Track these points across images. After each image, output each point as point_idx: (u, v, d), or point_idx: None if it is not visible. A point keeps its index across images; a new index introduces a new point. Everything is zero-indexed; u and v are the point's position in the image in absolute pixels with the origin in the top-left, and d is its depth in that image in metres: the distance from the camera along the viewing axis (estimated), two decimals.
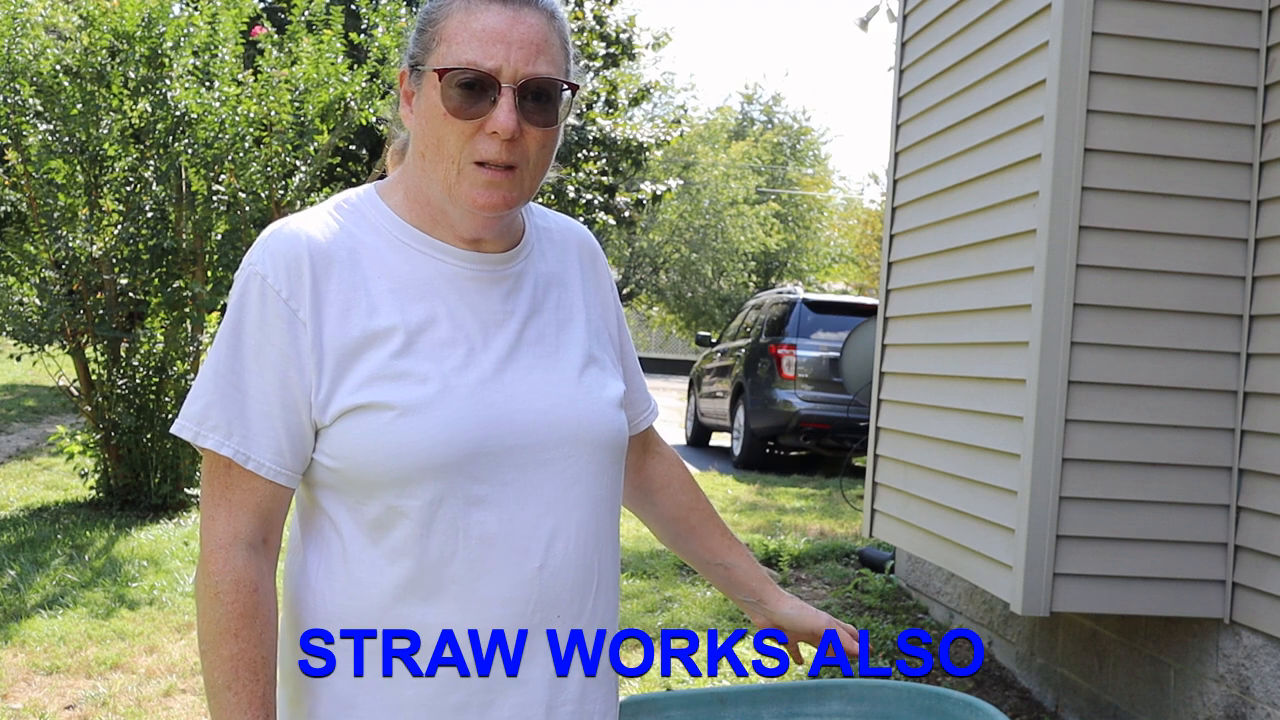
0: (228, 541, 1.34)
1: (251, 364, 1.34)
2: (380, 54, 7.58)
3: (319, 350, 1.34)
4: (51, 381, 7.94)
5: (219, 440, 1.33)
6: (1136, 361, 3.62)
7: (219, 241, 7.36)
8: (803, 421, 10.82)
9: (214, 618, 1.32)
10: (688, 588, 6.04)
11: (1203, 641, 3.72)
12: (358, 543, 1.36)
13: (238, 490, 1.34)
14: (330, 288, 1.35)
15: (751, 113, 37.65)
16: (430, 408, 1.33)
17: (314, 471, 1.38)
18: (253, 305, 1.34)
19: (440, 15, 1.37)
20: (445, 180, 1.36)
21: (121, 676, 4.42)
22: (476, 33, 1.34)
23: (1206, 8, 3.60)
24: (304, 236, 1.36)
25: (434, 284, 1.39)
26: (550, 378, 1.42)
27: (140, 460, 7.30)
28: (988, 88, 4.14)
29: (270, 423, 1.34)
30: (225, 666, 1.31)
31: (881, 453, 5.05)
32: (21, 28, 7.12)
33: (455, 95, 1.33)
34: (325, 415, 1.34)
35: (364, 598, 1.35)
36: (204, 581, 1.33)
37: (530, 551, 1.37)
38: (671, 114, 24.70)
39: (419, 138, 1.38)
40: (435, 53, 1.36)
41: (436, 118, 1.35)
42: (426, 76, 1.36)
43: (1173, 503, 3.63)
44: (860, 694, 1.99)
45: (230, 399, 1.34)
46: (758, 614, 1.78)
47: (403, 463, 1.32)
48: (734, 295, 30.66)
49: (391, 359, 1.34)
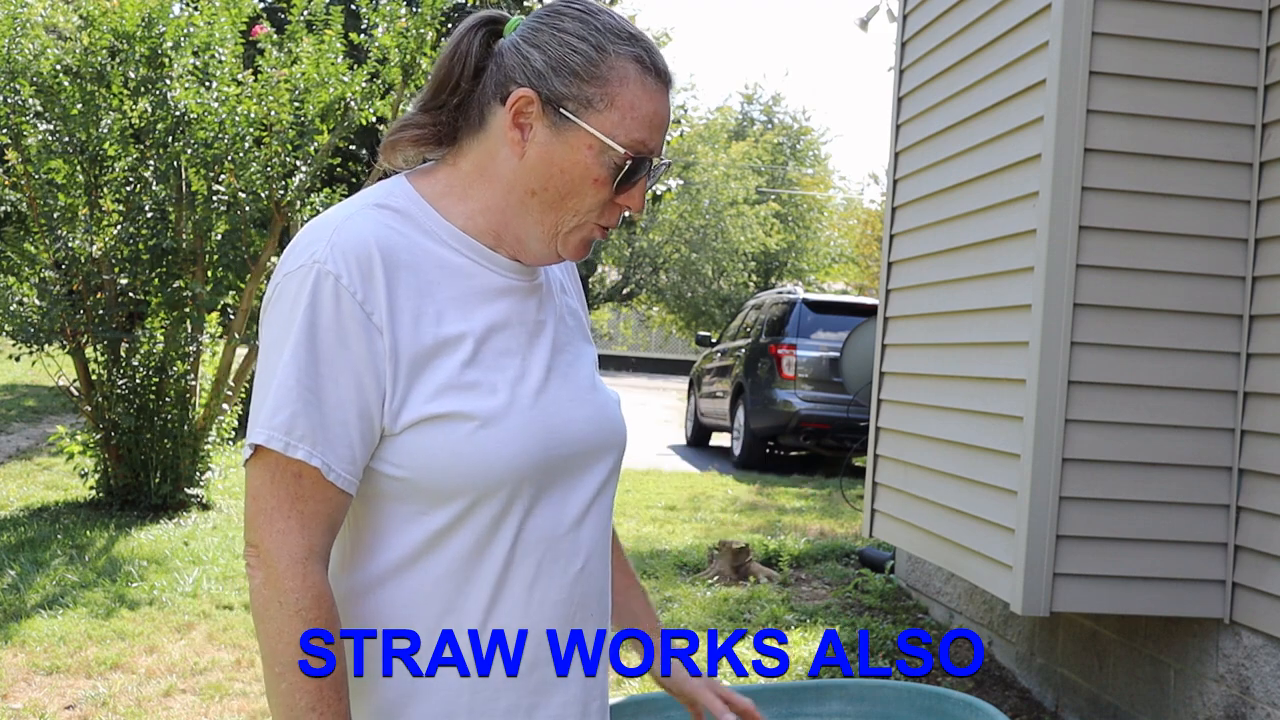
0: (303, 555, 1.27)
1: (327, 370, 1.28)
2: (380, 54, 7.58)
3: (395, 357, 1.30)
4: (51, 381, 7.94)
5: (308, 451, 1.27)
6: (1136, 361, 3.62)
7: (219, 241, 7.35)
8: (803, 421, 10.82)
9: (297, 637, 1.25)
10: (688, 588, 6.04)
11: (1203, 641, 3.72)
12: (412, 553, 1.33)
13: (311, 501, 1.28)
14: (400, 291, 1.31)
15: (751, 113, 37.64)
16: (505, 418, 1.32)
17: (371, 480, 1.33)
18: (326, 308, 1.28)
19: (613, 76, 1.33)
20: (554, 228, 1.37)
21: (121, 676, 4.42)
22: (649, 116, 1.34)
23: (1206, 8, 3.60)
24: (372, 236, 1.31)
25: (489, 294, 1.38)
26: (579, 386, 1.44)
27: (140, 460, 7.30)
28: (988, 88, 4.14)
29: (346, 430, 1.29)
30: (310, 687, 1.25)
31: (881, 453, 5.05)
32: (21, 28, 7.12)
33: (616, 172, 1.34)
34: (396, 424, 1.31)
35: (422, 605, 1.33)
36: (279, 599, 1.26)
37: (575, 554, 1.39)
38: (671, 114, 24.69)
39: (537, 178, 1.35)
40: (604, 116, 1.32)
41: (582, 178, 1.34)
42: (580, 132, 1.33)
43: (1173, 503, 3.63)
44: (860, 694, 1.99)
45: (312, 406, 1.28)
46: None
47: (487, 473, 1.31)
48: (734, 295, 30.65)
49: (463, 368, 1.32)
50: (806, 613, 5.53)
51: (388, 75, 7.58)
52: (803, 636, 5.16)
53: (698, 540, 7.35)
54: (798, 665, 4.77)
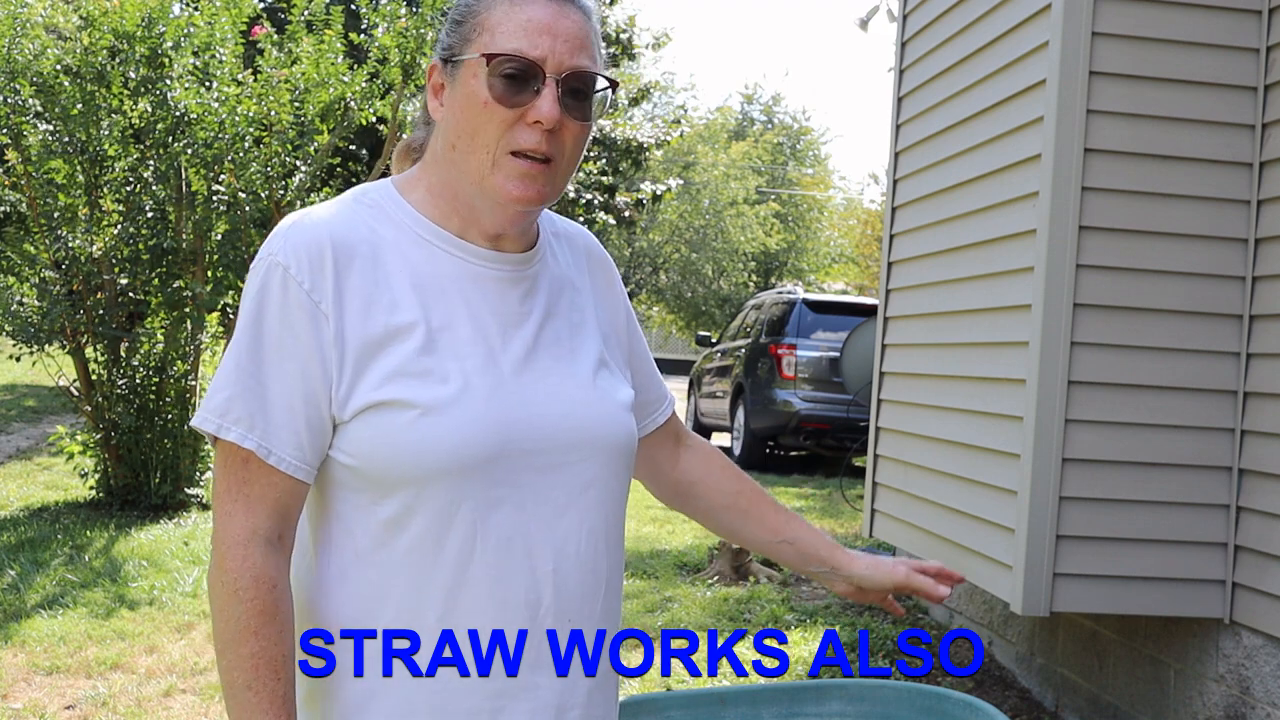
0: (245, 537, 1.31)
1: (273, 356, 1.31)
2: (380, 54, 7.58)
3: (341, 344, 1.32)
4: (51, 381, 7.94)
5: (241, 433, 1.31)
6: (1136, 361, 3.62)
7: (219, 241, 7.35)
8: (803, 421, 10.82)
9: (233, 616, 1.29)
10: (688, 588, 6.04)
11: (1203, 641, 3.72)
12: (372, 544, 1.34)
13: (256, 485, 1.32)
14: (352, 281, 1.33)
15: (751, 113, 37.66)
16: (453, 408, 1.32)
17: (329, 469, 1.36)
18: (274, 297, 1.32)
19: (482, 7, 1.37)
20: (478, 171, 1.35)
21: (121, 676, 4.42)
22: (523, 23, 1.34)
23: (1206, 8, 3.60)
24: (325, 228, 1.35)
25: (455, 282, 1.38)
26: (566, 381, 1.41)
27: (140, 460, 7.30)
28: (988, 88, 4.14)
29: (292, 416, 1.31)
30: (245, 665, 1.29)
31: (881, 453, 5.05)
32: (21, 28, 7.12)
33: (499, 83, 1.33)
34: (345, 411, 1.32)
35: (378, 599, 1.33)
36: (221, 579, 1.30)
37: (545, 554, 1.36)
38: (671, 114, 24.72)
39: (451, 129, 1.37)
40: (477, 42, 1.35)
41: (475, 106, 1.34)
42: (465, 65, 1.35)
43: (1173, 503, 3.63)
44: (860, 694, 1.99)
45: (252, 392, 1.31)
46: (835, 581, 1.69)
47: (424, 462, 1.30)
48: (734, 295, 30.66)
49: (414, 356, 1.32)
50: (806, 613, 5.54)
51: (388, 75, 7.58)
52: (803, 636, 5.17)
53: (698, 540, 7.36)
54: (798, 665, 4.77)
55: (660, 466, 1.69)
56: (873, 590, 1.68)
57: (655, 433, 1.67)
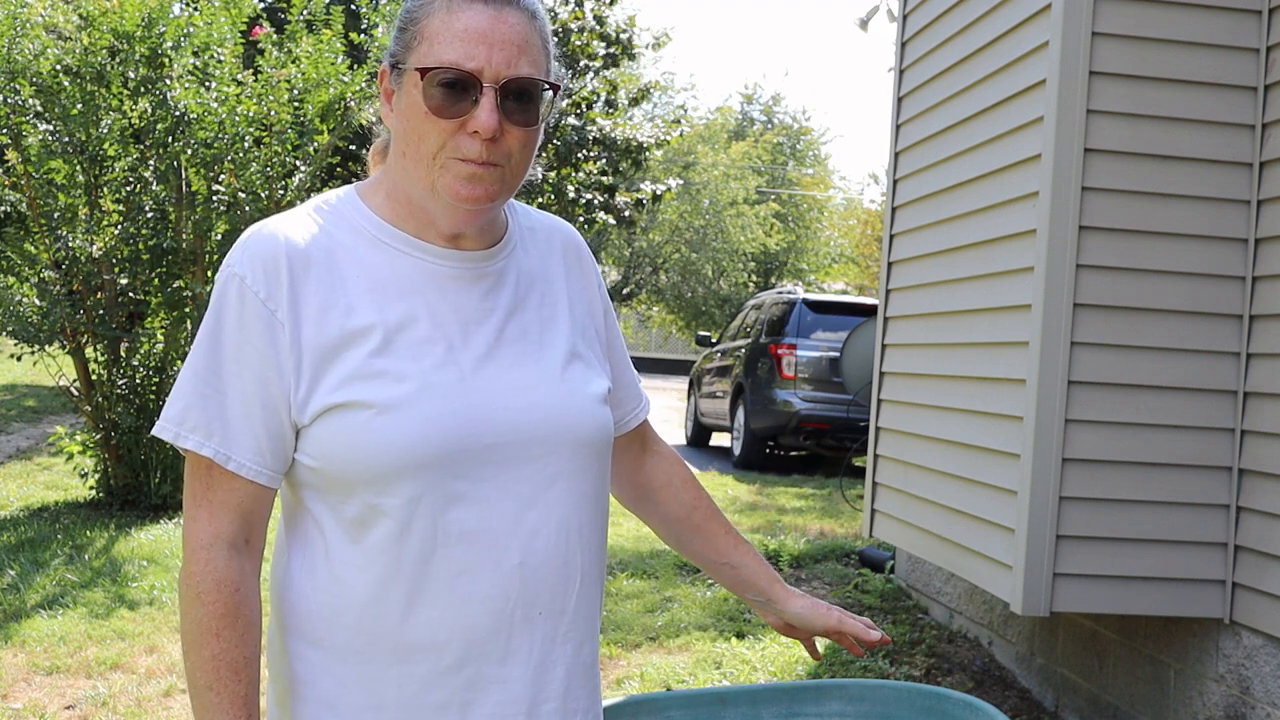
0: (208, 541, 1.35)
1: (230, 365, 1.35)
2: (380, 54, 7.58)
3: (297, 350, 1.34)
4: (51, 381, 7.95)
5: (199, 441, 1.34)
6: (1136, 361, 3.62)
7: (219, 241, 7.35)
8: (803, 421, 10.82)
9: (195, 618, 1.33)
10: (688, 588, 6.04)
11: (1203, 641, 3.72)
12: (340, 542, 1.37)
13: (219, 491, 1.35)
14: (308, 288, 1.36)
15: (751, 113, 37.65)
16: (408, 406, 1.33)
17: (296, 472, 1.39)
18: (231, 306, 1.35)
19: (421, 14, 1.37)
20: (427, 176, 1.36)
21: (121, 676, 4.42)
22: (459, 32, 1.34)
23: (1206, 8, 3.60)
24: (282, 237, 1.37)
25: (413, 282, 1.39)
26: (531, 374, 1.42)
27: (140, 460, 7.31)
28: (988, 88, 4.14)
29: (250, 423, 1.34)
30: (207, 667, 1.32)
31: (881, 453, 5.05)
32: (21, 28, 7.12)
33: (437, 94, 1.33)
34: (304, 415, 1.35)
35: (346, 596, 1.36)
36: (185, 582, 1.35)
37: (510, 548, 1.37)
38: (671, 114, 24.68)
39: (400, 136, 1.39)
40: (416, 51, 1.36)
41: (417, 116, 1.35)
42: (407, 75, 1.36)
43: (1173, 503, 3.63)
44: (860, 694, 2.00)
45: (210, 400, 1.34)
46: (767, 613, 1.74)
47: (381, 461, 1.32)
48: (734, 295, 30.66)
49: (369, 358, 1.34)
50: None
51: None
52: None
53: None
54: (798, 665, 4.77)
55: (624, 467, 1.71)
56: (802, 629, 1.73)
57: (625, 435, 1.68)
